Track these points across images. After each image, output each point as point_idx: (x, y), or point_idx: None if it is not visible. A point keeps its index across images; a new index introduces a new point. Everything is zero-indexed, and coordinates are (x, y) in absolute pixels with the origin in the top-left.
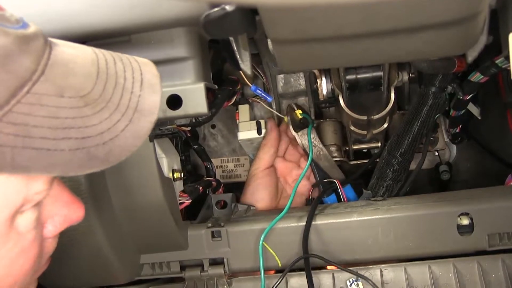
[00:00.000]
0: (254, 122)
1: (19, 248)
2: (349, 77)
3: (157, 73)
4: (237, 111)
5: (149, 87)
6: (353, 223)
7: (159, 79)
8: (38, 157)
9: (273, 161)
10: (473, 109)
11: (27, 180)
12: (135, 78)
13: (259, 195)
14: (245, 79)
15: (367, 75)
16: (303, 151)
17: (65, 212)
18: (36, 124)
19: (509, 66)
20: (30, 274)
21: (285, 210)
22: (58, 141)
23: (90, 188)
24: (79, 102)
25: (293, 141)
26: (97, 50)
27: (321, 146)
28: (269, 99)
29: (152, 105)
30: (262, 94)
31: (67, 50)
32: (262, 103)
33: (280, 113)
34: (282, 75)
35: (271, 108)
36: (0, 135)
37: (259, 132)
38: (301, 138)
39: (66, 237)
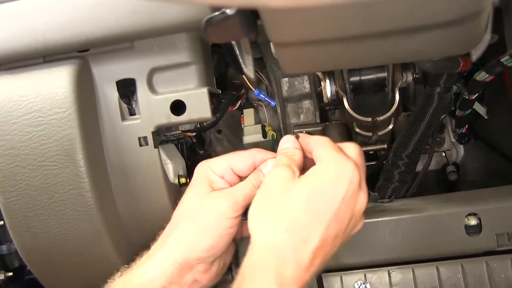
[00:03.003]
0: (259, 125)
1: None
2: (353, 78)
3: None
4: (242, 115)
5: None
6: None
7: None
8: None
9: None
10: (480, 108)
11: None
12: None
13: None
14: (249, 83)
15: (371, 76)
16: None
17: None
18: None
19: None
20: None
21: None
22: None
23: (96, 195)
24: None
25: None
26: None
27: None
28: (272, 103)
29: None
30: (266, 98)
31: None
32: (265, 107)
33: (284, 117)
34: (286, 79)
35: (276, 112)
36: None
37: (265, 136)
38: None
39: (72, 243)
